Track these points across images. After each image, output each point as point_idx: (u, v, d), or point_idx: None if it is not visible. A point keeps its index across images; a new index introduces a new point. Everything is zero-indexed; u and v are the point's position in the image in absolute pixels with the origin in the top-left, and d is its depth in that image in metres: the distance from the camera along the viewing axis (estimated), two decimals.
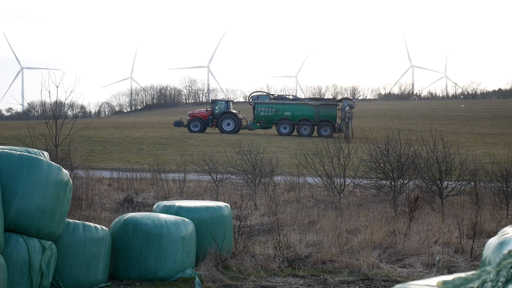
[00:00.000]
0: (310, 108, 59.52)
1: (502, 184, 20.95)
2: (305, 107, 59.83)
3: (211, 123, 61.82)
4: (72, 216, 16.92)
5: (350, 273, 12.60)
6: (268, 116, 60.37)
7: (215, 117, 61.71)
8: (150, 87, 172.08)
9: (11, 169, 10.03)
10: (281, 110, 60.10)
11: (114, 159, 39.24)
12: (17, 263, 9.78)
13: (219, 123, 61.23)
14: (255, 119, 61.06)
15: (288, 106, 60.35)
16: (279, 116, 59.99)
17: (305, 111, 59.54)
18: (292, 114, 59.71)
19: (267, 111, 60.44)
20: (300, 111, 59.65)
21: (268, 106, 60.63)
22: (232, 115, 61.72)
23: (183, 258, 12.27)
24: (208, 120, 61.93)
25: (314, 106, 59.57)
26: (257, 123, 60.86)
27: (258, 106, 61.00)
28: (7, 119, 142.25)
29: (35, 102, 67.97)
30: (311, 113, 59.25)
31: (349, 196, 21.73)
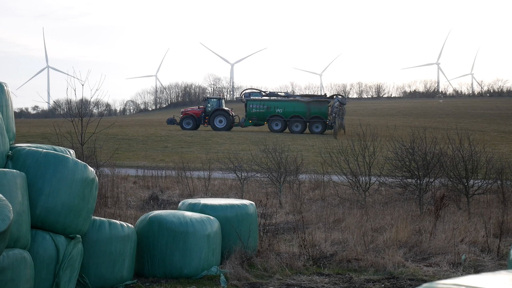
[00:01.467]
0: (301, 105, 60.04)
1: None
2: (297, 104, 60.39)
3: (203, 121, 62.36)
4: (98, 213, 17.00)
5: (376, 271, 12.56)
6: (260, 113, 61.03)
7: (207, 114, 62.22)
8: (175, 85, 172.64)
9: (37, 167, 10.09)
10: (272, 107, 60.68)
11: (139, 157, 39.38)
12: (43, 260, 9.84)
13: (211, 120, 61.76)
14: (247, 116, 61.80)
15: (279, 103, 60.97)
16: (270, 113, 60.58)
17: (297, 108, 60.07)
18: (284, 111, 60.29)
19: (259, 108, 61.12)
20: (292, 108, 60.18)
21: (260, 103, 61.36)
22: (224, 112, 62.18)
23: (208, 256, 12.28)
24: (201, 118, 62.49)
25: (305, 103, 60.08)
26: (249, 120, 61.59)
27: (250, 103, 61.70)
28: (33, 117, 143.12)
29: (60, 100, 68.36)
30: (303, 110, 59.81)
31: (374, 195, 21.66)
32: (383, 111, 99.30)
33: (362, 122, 25.03)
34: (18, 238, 9.06)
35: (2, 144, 10.11)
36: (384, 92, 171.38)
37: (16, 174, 9.49)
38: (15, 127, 11.30)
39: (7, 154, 10.23)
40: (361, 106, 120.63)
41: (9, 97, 11.14)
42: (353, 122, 56.70)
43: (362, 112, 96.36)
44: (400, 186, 21.04)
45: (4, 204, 8.24)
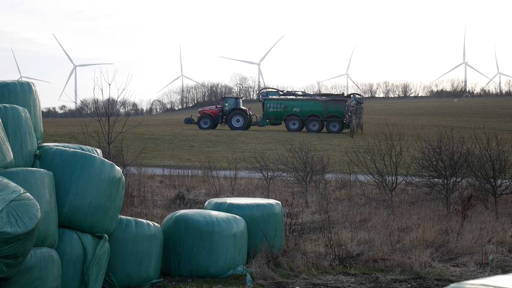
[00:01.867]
0: (318, 104, 59.86)
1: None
2: (314, 103, 60.22)
3: (220, 120, 62.30)
4: (125, 212, 17.06)
5: (402, 271, 12.51)
6: (277, 112, 60.84)
7: (224, 113, 62.16)
8: (201, 85, 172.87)
9: (65, 166, 10.16)
10: (290, 106, 60.54)
11: (165, 156, 39.49)
12: (71, 258, 9.90)
13: (229, 119, 61.74)
14: (264, 115, 61.63)
15: (297, 102, 60.88)
16: (288, 112, 60.38)
17: (314, 107, 59.90)
18: (301, 110, 60.10)
19: (276, 107, 60.98)
20: (309, 107, 60.03)
21: (277, 102, 61.19)
22: (242, 112, 62.21)
23: (234, 255, 12.29)
24: (218, 117, 62.45)
25: (322, 102, 59.91)
26: (266, 119, 61.46)
27: (267, 102, 61.59)
28: (60, 116, 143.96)
29: (88, 100, 68.70)
30: (320, 109, 59.59)
31: (401, 194, 21.58)
32: (410, 111, 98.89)
33: (389, 122, 24.94)
34: (45, 236, 9.13)
35: (30, 144, 10.19)
36: (411, 91, 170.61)
37: (44, 173, 9.56)
38: (42, 127, 11.38)
39: (35, 154, 10.31)
40: (387, 105, 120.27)
41: (37, 97, 11.22)
42: (379, 121, 56.46)
43: (389, 112, 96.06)
44: (427, 185, 20.94)
45: (32, 203, 8.30)
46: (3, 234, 7.64)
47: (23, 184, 8.84)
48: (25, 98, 10.87)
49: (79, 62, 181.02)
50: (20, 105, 10.47)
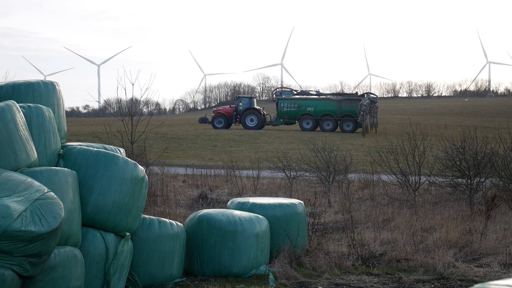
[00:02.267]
0: (332, 103, 59.98)
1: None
2: (328, 103, 60.38)
3: (234, 119, 62.57)
4: (148, 212, 17.10)
5: (425, 272, 12.47)
6: (291, 111, 61.08)
7: (238, 113, 62.39)
8: (224, 84, 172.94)
9: (88, 165, 10.20)
10: (303, 106, 60.70)
11: (188, 156, 39.57)
12: (94, 257, 9.94)
13: (243, 119, 61.99)
14: (278, 115, 61.93)
15: (310, 102, 60.96)
16: (301, 111, 60.57)
17: (328, 106, 60.02)
18: (315, 109, 60.22)
19: (290, 106, 61.24)
20: (323, 107, 60.13)
21: (291, 102, 61.41)
22: (255, 111, 62.41)
23: (257, 255, 12.29)
24: (232, 117, 62.71)
25: (336, 101, 60.01)
26: (280, 118, 61.75)
27: (281, 102, 61.83)
28: (84, 116, 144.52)
29: (111, 99, 68.97)
30: (334, 108, 59.68)
31: (424, 194, 21.49)
32: (433, 110, 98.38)
33: (412, 121, 24.82)
34: (69, 235, 9.17)
35: (54, 143, 10.24)
36: (434, 91, 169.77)
37: (68, 172, 9.60)
38: (66, 126, 11.44)
39: (59, 153, 10.36)
40: (411, 105, 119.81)
41: (61, 97, 11.28)
42: (403, 121, 56.30)
43: (412, 111, 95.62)
44: (450, 185, 20.84)
45: (56, 202, 8.34)
46: (27, 233, 7.69)
47: (47, 183, 8.88)
48: (49, 98, 10.93)
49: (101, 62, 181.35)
50: (44, 104, 10.53)
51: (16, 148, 8.98)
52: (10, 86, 10.88)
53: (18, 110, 9.33)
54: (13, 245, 7.64)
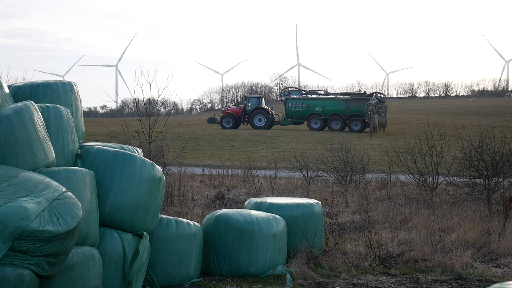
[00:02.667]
0: (340, 103, 59.99)
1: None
2: (336, 102, 60.45)
3: (243, 119, 62.69)
4: (165, 212, 17.13)
5: (443, 272, 12.43)
6: (299, 111, 61.12)
7: (247, 113, 62.51)
8: (241, 84, 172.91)
9: (106, 165, 10.23)
10: (311, 106, 60.74)
11: (205, 156, 39.61)
12: (112, 257, 9.97)
13: (251, 119, 62.07)
14: (287, 115, 62.05)
15: (318, 101, 61.02)
16: (310, 111, 60.60)
17: (336, 106, 60.04)
18: (323, 109, 60.22)
19: (298, 106, 61.28)
20: (331, 106, 60.13)
21: (299, 102, 61.53)
22: (264, 111, 62.50)
23: (274, 255, 12.29)
24: (240, 116, 62.85)
25: (344, 101, 60.01)
26: (289, 118, 61.86)
27: (289, 101, 62.03)
28: (101, 116, 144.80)
29: (128, 100, 69.17)
30: (342, 108, 59.64)
31: (441, 194, 21.42)
32: (451, 110, 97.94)
33: (430, 121, 24.73)
34: (87, 235, 9.20)
35: (71, 143, 10.28)
36: (452, 91, 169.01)
37: (85, 172, 9.64)
38: (84, 126, 11.48)
39: (77, 153, 10.40)
40: (428, 105, 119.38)
41: (78, 97, 11.32)
42: (420, 121, 56.15)
43: (430, 111, 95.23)
44: (468, 186, 20.76)
45: (74, 202, 8.37)
46: (45, 233, 7.72)
47: (64, 183, 8.92)
48: (66, 98, 10.97)
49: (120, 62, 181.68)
50: (62, 104, 10.57)
51: (34, 148, 9.02)
52: (29, 87, 10.93)
53: (36, 110, 9.38)
54: (31, 245, 7.68)
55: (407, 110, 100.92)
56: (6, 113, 8.82)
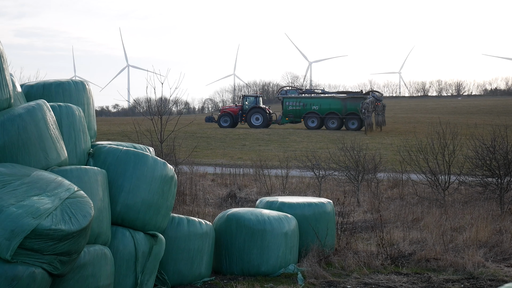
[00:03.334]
0: (337, 102, 60.61)
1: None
2: (333, 101, 61.05)
3: (240, 118, 63.22)
4: (177, 211, 17.16)
5: (455, 271, 12.40)
6: (296, 110, 61.84)
7: (244, 112, 63.01)
8: (253, 83, 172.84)
9: (118, 164, 10.25)
10: (308, 104, 61.44)
11: (217, 155, 39.64)
12: (123, 256, 9.98)
13: (248, 118, 62.62)
14: (284, 114, 62.65)
15: (315, 100, 61.63)
16: (306, 110, 61.32)
17: (333, 104, 60.69)
18: (320, 108, 60.90)
19: (295, 105, 61.99)
20: (328, 105, 60.81)
21: (296, 101, 62.18)
22: (261, 110, 63.12)
23: (286, 254, 12.29)
24: (238, 116, 63.38)
25: (341, 99, 60.66)
26: (286, 117, 62.43)
27: (286, 100, 62.63)
28: (113, 115, 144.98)
29: (140, 99, 69.39)
30: (339, 107, 60.32)
31: (453, 194, 21.37)
32: (463, 109, 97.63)
33: (442, 121, 24.69)
34: (99, 234, 9.22)
35: (84, 142, 10.30)
36: (464, 90, 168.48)
37: (97, 171, 9.66)
38: (96, 125, 11.51)
39: (89, 152, 10.42)
40: (440, 104, 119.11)
41: (91, 96, 11.35)
42: (432, 120, 56.03)
43: (442, 111, 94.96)
44: (480, 185, 20.71)
45: (86, 200, 8.39)
46: (57, 232, 7.74)
47: (77, 182, 8.94)
48: (79, 97, 11.00)
49: (132, 61, 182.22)
50: (74, 103, 10.60)
51: (46, 147, 9.05)
52: (41, 86, 10.97)
53: (49, 109, 9.40)
54: (44, 243, 7.70)
55: (419, 109, 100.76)
56: (18, 112, 8.85)
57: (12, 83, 9.50)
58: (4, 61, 9.04)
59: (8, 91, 9.07)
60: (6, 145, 8.60)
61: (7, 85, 9.05)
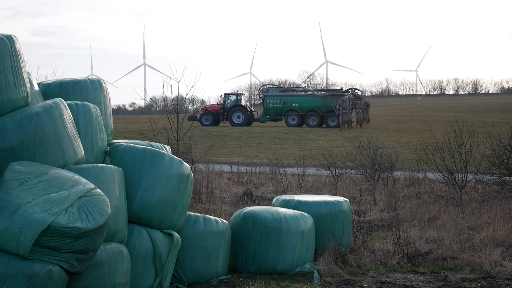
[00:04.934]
0: (317, 99, 61.19)
1: None
2: (313, 98, 61.62)
3: (222, 117, 63.56)
4: (193, 209, 17.18)
5: (472, 270, 12.36)
6: (277, 108, 62.43)
7: (225, 110, 63.39)
8: (269, 81, 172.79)
9: (134, 162, 10.28)
10: (289, 102, 62.01)
11: (233, 153, 39.65)
12: (140, 254, 10.00)
13: (229, 116, 62.92)
14: (265, 111, 63.28)
15: (296, 98, 62.23)
16: (287, 107, 61.92)
17: (313, 102, 61.31)
18: (300, 105, 61.55)
19: (275, 103, 62.60)
20: (308, 103, 61.43)
21: (277, 98, 62.73)
22: (242, 108, 63.65)
23: (302, 253, 12.29)
24: (219, 114, 63.65)
25: (321, 97, 61.30)
26: (267, 115, 63.03)
27: (267, 98, 63.26)
28: (130, 113, 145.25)
29: (157, 97, 69.74)
30: (319, 104, 60.92)
31: (470, 192, 21.28)
32: (480, 108, 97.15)
33: (459, 119, 24.62)
34: (115, 232, 9.25)
35: (100, 140, 10.34)
36: (481, 88, 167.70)
37: (114, 169, 9.68)
38: (112, 124, 11.54)
39: (105, 150, 10.45)
40: (457, 102, 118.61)
41: (107, 94, 11.38)
42: (449, 118, 55.87)
43: (459, 109, 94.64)
44: (497, 184, 20.63)
45: (102, 199, 8.42)
46: (74, 230, 7.77)
47: (93, 180, 8.97)
48: (95, 95, 11.04)
49: (148, 60, 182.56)
50: (91, 102, 10.63)
51: (63, 145, 9.08)
52: (58, 84, 11.02)
53: (66, 107, 9.44)
54: (61, 241, 7.73)
55: (436, 108, 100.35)
56: (36, 111, 8.88)
57: (29, 82, 9.54)
58: (22, 60, 9.09)
59: (26, 89, 9.12)
60: (24, 143, 8.64)
61: (25, 84, 9.10)
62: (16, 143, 8.59)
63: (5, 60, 8.72)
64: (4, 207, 7.74)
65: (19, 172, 8.18)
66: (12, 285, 7.52)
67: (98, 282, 8.78)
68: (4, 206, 7.74)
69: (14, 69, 8.86)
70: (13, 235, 7.57)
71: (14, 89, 8.88)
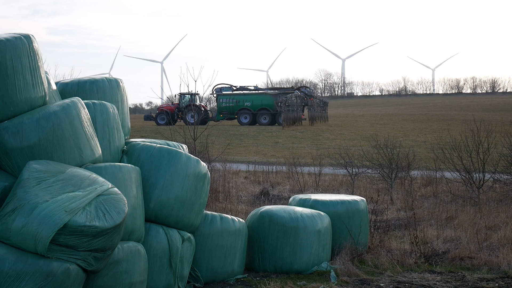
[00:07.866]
0: (269, 98, 62.45)
1: None
2: (264, 97, 62.91)
3: (176, 116, 64.01)
4: (210, 208, 17.20)
5: (489, 270, 12.31)
6: (230, 107, 63.68)
7: (180, 110, 64.15)
8: (286, 81, 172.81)
9: (151, 161, 10.31)
10: (241, 101, 63.24)
11: (250, 152, 39.64)
12: (157, 253, 10.03)
13: (184, 115, 62.77)
14: (218, 110, 64.57)
15: (248, 97, 63.41)
16: (239, 106, 63.12)
17: (264, 100, 62.61)
18: (252, 104, 62.77)
19: (228, 102, 63.92)
20: (259, 101, 62.67)
21: (230, 97, 64.11)
22: (196, 108, 63.01)
23: (319, 252, 12.28)
24: (174, 113, 64.35)
25: (273, 95, 62.37)
26: (220, 114, 64.15)
27: (220, 97, 64.64)
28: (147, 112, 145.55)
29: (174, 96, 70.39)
30: (270, 103, 62.21)
31: (488, 192, 21.18)
32: (498, 107, 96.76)
33: (476, 118, 24.52)
34: (132, 231, 9.28)
35: (117, 139, 10.37)
36: (499, 87, 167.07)
37: (131, 168, 9.71)
38: (130, 122, 11.57)
39: (123, 149, 10.49)
40: (475, 101, 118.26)
41: (125, 93, 11.42)
42: (467, 117, 55.67)
43: (476, 108, 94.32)
44: None
45: (119, 197, 8.45)
46: (91, 228, 7.80)
47: (111, 179, 9.00)
48: (113, 94, 11.07)
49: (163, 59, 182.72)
50: (108, 101, 10.67)
51: (81, 144, 9.11)
52: (75, 83, 11.06)
53: (83, 106, 9.47)
54: (78, 239, 7.77)
55: (453, 107, 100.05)
56: (53, 110, 8.92)
57: (47, 81, 9.59)
58: (39, 59, 9.13)
59: (43, 88, 9.16)
60: (41, 142, 8.67)
61: (42, 83, 9.14)
62: (34, 142, 8.63)
63: (23, 59, 8.77)
64: (22, 205, 7.78)
65: (37, 171, 8.22)
66: (30, 283, 7.55)
67: (115, 281, 8.81)
68: (22, 204, 7.79)
69: (32, 68, 8.90)
70: (30, 233, 7.61)
71: (32, 88, 8.92)
